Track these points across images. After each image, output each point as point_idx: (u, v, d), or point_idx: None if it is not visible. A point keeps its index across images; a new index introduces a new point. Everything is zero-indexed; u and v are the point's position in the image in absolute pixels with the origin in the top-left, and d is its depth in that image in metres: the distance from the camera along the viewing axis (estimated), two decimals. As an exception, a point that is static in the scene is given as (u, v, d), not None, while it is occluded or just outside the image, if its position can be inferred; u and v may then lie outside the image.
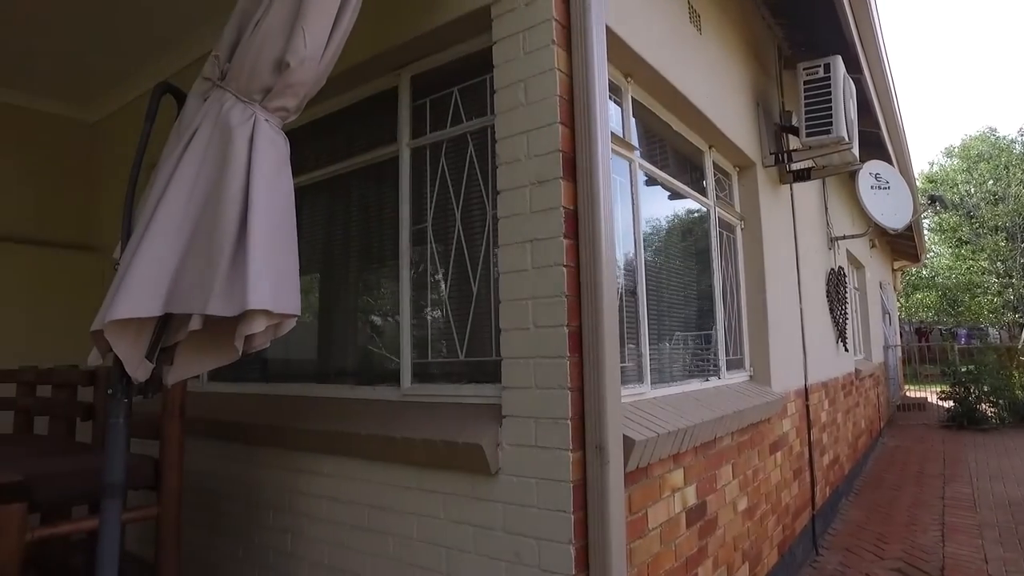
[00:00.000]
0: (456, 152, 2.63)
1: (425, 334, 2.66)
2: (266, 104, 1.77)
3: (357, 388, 2.83)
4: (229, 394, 3.47)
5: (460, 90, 2.63)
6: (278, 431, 2.83)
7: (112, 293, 1.61)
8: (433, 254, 2.66)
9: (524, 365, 2.09)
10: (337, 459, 2.64)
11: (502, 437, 2.13)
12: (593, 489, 2.00)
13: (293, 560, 2.81)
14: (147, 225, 1.66)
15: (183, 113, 1.89)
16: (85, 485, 2.18)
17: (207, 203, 1.69)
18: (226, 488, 3.18)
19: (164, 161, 1.81)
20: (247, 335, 1.69)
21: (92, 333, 1.65)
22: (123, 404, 1.80)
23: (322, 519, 2.70)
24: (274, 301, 1.64)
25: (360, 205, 3.05)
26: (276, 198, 1.73)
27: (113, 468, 1.81)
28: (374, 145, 2.96)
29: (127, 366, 1.70)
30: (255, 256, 1.63)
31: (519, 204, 2.15)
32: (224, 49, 1.86)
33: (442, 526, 2.28)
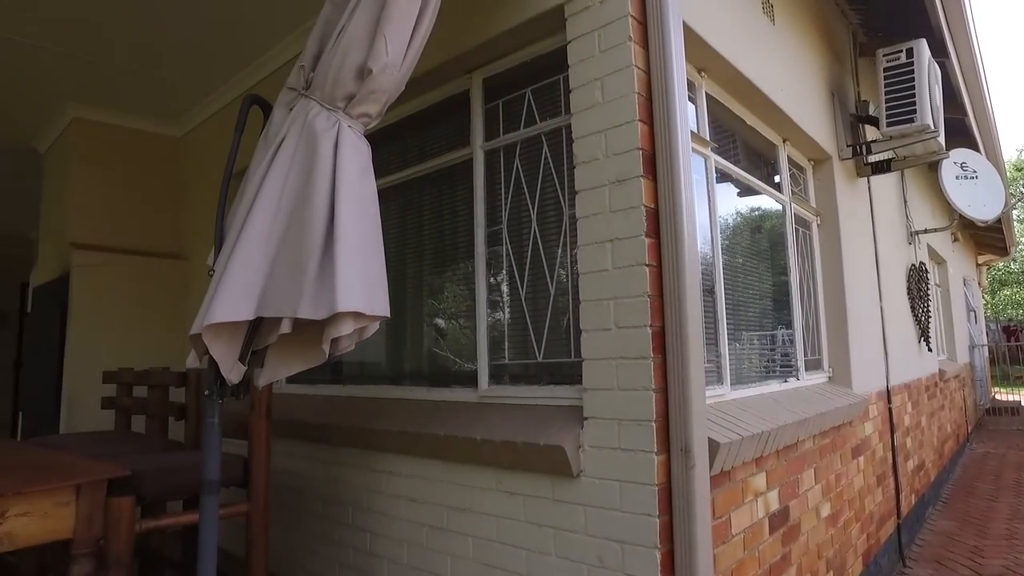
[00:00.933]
0: (530, 153, 2.63)
1: (501, 336, 2.67)
2: (349, 111, 1.81)
3: (433, 390, 2.86)
4: (306, 396, 3.56)
5: (533, 91, 2.63)
6: (356, 432, 2.89)
7: (208, 298, 1.68)
8: (509, 255, 2.66)
9: (606, 366, 2.06)
10: (415, 460, 2.67)
11: (584, 439, 2.11)
12: (678, 492, 1.96)
13: (372, 558, 2.86)
14: (239, 232, 1.71)
15: (270, 123, 1.95)
16: (183, 481, 2.27)
17: (295, 209, 1.74)
18: (306, 487, 3.27)
19: (253, 170, 1.87)
20: (334, 338, 1.73)
21: (191, 337, 1.72)
22: (218, 405, 1.87)
23: (401, 518, 2.74)
24: (362, 303, 1.67)
25: (434, 208, 3.09)
26: (361, 202, 1.77)
27: (210, 466, 1.88)
28: (447, 148, 2.99)
29: (222, 368, 1.76)
30: (342, 260, 1.67)
31: (598, 204, 2.12)
32: (308, 59, 1.91)
33: (522, 528, 2.28)
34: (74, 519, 1.95)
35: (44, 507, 1.88)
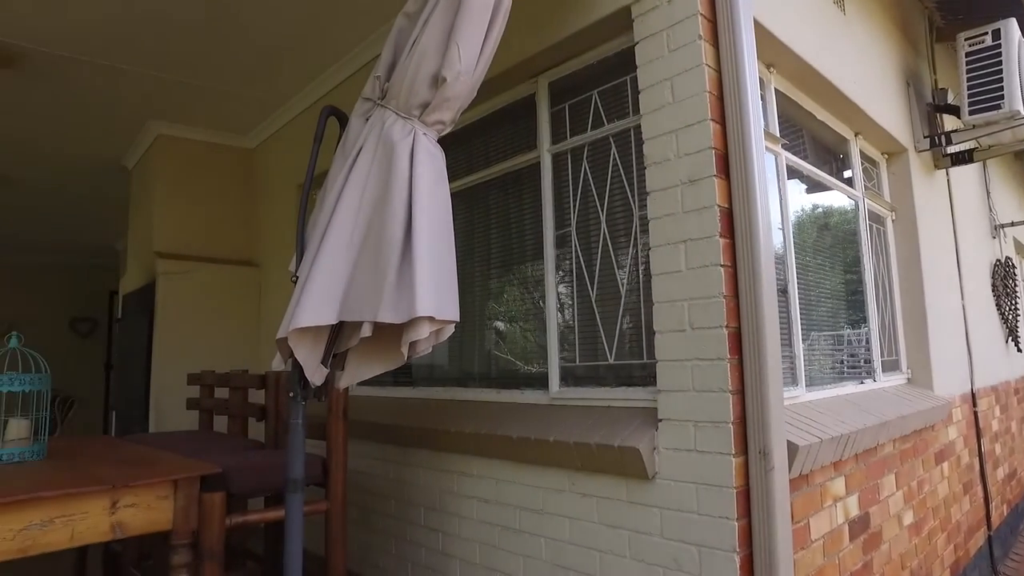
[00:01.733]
0: (598, 155, 2.63)
1: (572, 338, 2.67)
2: (424, 119, 1.85)
3: (503, 392, 2.89)
4: (377, 398, 3.65)
5: (600, 93, 2.63)
6: (427, 433, 2.95)
7: (293, 304, 1.75)
8: (578, 258, 2.67)
9: (681, 368, 2.05)
10: (486, 461, 2.71)
11: (658, 441, 2.10)
12: (757, 496, 1.92)
13: (445, 558, 2.91)
14: (321, 240, 1.78)
15: (347, 133, 2.02)
16: (266, 479, 2.38)
17: (374, 216, 1.79)
18: (379, 486, 3.35)
19: (332, 179, 1.94)
20: (411, 341, 1.77)
21: (277, 340, 1.79)
22: (301, 406, 1.95)
23: (473, 519, 2.78)
24: (438, 308, 1.71)
25: (500, 212, 3.12)
26: (436, 208, 1.81)
27: (295, 465, 1.96)
28: (513, 153, 3.02)
29: (306, 371, 1.83)
30: (420, 265, 1.71)
31: (670, 204, 2.11)
32: (383, 69, 1.97)
33: (596, 530, 2.28)
34: (172, 512, 2.07)
35: (148, 499, 2.00)
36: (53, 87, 4.14)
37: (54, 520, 1.85)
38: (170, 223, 4.71)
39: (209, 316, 4.61)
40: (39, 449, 2.40)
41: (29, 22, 3.40)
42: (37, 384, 2.38)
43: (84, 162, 5.60)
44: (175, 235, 4.70)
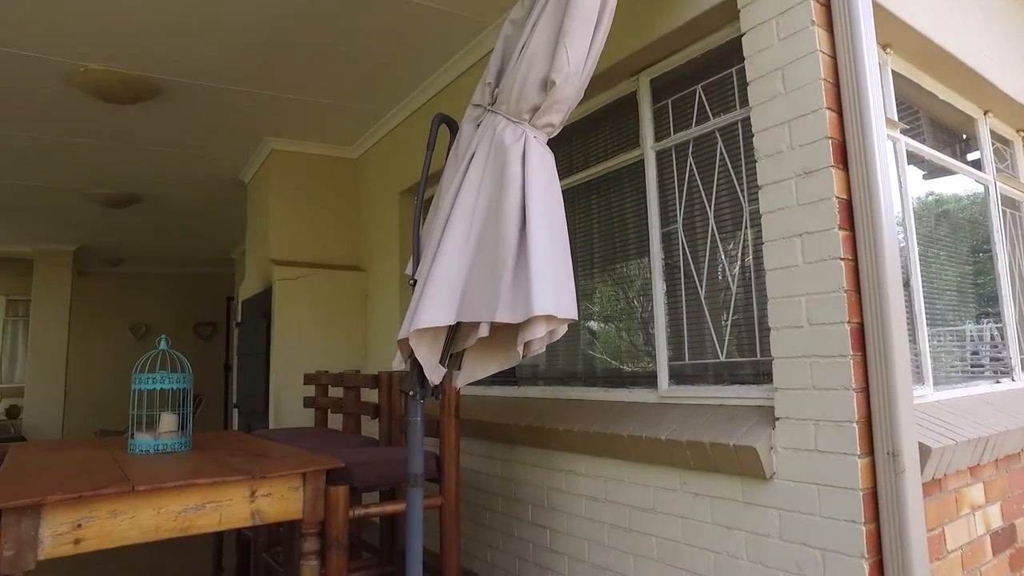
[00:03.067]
0: (704, 150, 2.59)
1: (680, 336, 2.64)
2: (535, 122, 1.90)
3: (611, 391, 2.90)
4: (483, 397, 3.74)
5: (704, 87, 2.59)
6: (535, 431, 2.99)
7: (413, 306, 1.83)
8: (685, 254, 2.64)
9: (799, 365, 1.98)
10: (595, 459, 2.72)
11: (776, 440, 2.04)
12: (886, 499, 1.83)
13: (553, 555, 2.95)
14: (439, 243, 1.85)
15: (459, 139, 2.09)
16: (385, 473, 2.49)
17: (488, 219, 1.85)
18: (485, 483, 3.43)
19: (446, 184, 2.01)
20: (527, 340, 1.82)
21: (399, 341, 1.88)
22: (420, 404, 2.04)
23: (581, 517, 2.79)
24: (555, 307, 1.75)
25: (602, 210, 3.13)
26: (549, 209, 1.84)
27: (415, 461, 2.05)
28: (615, 152, 3.02)
29: (426, 370, 1.92)
30: (536, 265, 1.75)
31: (784, 197, 2.05)
32: (492, 76, 2.02)
33: (710, 530, 2.24)
34: (302, 502, 2.21)
35: (281, 490, 2.15)
36: (184, 112, 4.51)
37: (205, 505, 2.02)
38: (284, 232, 5.02)
39: (320, 319, 4.88)
40: (185, 441, 2.63)
41: (170, 57, 3.73)
42: (183, 383, 2.61)
43: (206, 179, 6.06)
44: (289, 243, 5.01)
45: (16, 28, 3.42)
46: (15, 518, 1.72)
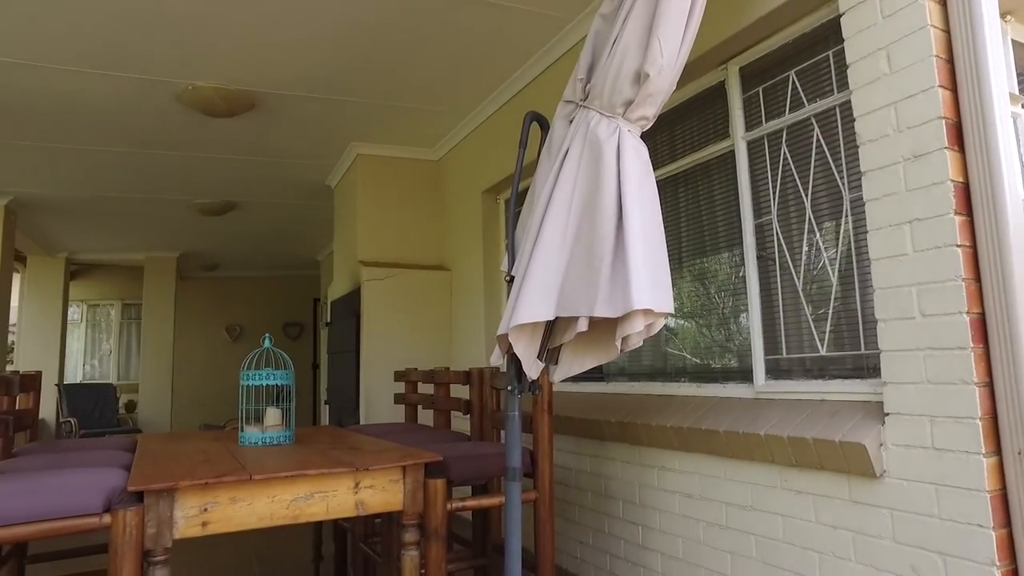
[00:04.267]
0: (798, 138, 2.50)
1: (777, 330, 2.57)
2: (628, 116, 1.89)
3: (703, 386, 2.85)
4: (571, 393, 3.75)
5: (797, 73, 2.51)
6: (627, 428, 2.98)
7: (512, 301, 1.86)
8: (780, 245, 2.56)
9: (911, 358, 1.89)
10: (689, 455, 2.68)
11: (886, 436, 1.95)
12: (1018, 503, 1.72)
13: (645, 552, 2.93)
14: (536, 240, 1.88)
15: (551, 136, 2.11)
16: (480, 467, 2.54)
17: (585, 214, 1.86)
18: (576, 479, 3.44)
19: (539, 181, 2.03)
20: (625, 335, 1.81)
21: (497, 337, 1.92)
22: (518, 399, 2.07)
23: (674, 513, 2.76)
24: (653, 300, 1.74)
25: (690, 203, 3.08)
26: (645, 202, 1.84)
27: (513, 455, 2.08)
28: (705, 143, 2.97)
29: (524, 365, 1.94)
30: (633, 259, 1.75)
31: (891, 183, 1.96)
32: (583, 71, 2.03)
33: (813, 529, 2.17)
34: (402, 494, 2.28)
35: (383, 482, 2.23)
36: (276, 123, 4.75)
37: (313, 495, 2.12)
38: (371, 234, 5.19)
39: (407, 318, 5.02)
40: (289, 435, 2.76)
41: (264, 70, 3.93)
42: (286, 379, 2.75)
43: (295, 185, 6.34)
44: (375, 244, 5.18)
45: (136, 55, 3.70)
46: (155, 499, 1.87)
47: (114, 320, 11.21)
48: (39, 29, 3.43)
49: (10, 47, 3.61)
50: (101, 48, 3.62)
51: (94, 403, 8.91)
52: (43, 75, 3.92)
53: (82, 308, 11.01)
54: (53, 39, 3.53)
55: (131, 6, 3.22)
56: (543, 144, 2.16)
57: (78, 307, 10.83)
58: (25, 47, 3.61)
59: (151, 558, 1.90)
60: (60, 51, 3.65)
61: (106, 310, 11.24)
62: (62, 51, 3.65)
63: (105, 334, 11.23)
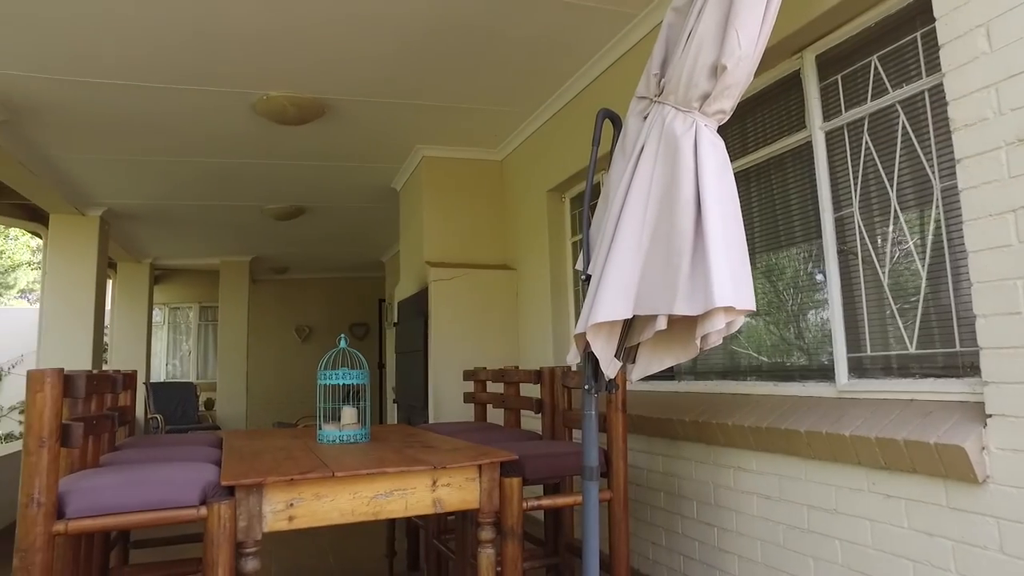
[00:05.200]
0: (882, 126, 2.40)
1: (858, 326, 2.47)
2: (705, 110, 1.85)
3: (780, 385, 2.77)
4: (641, 392, 3.70)
5: (880, 58, 2.40)
6: (700, 427, 2.92)
7: (590, 300, 1.85)
8: (863, 239, 2.46)
9: (1017, 356, 1.78)
10: (767, 456, 2.61)
11: (988, 439, 1.84)
12: None
13: (720, 553, 2.86)
14: (612, 238, 1.86)
15: (624, 133, 2.08)
16: (554, 466, 2.54)
17: (662, 211, 1.83)
18: (647, 479, 3.40)
19: (614, 179, 2.01)
20: (705, 333, 1.78)
21: (575, 336, 1.91)
22: (594, 398, 2.06)
23: (752, 515, 2.69)
24: (734, 297, 1.69)
25: (765, 198, 2.99)
26: (723, 198, 1.79)
27: (590, 454, 2.07)
28: (778, 135, 2.88)
29: (602, 364, 1.93)
30: (714, 255, 1.71)
31: (991, 170, 1.85)
32: (656, 66, 2.00)
33: (906, 536, 2.07)
34: (478, 492, 2.31)
35: (459, 480, 2.26)
36: (344, 128, 4.87)
37: (393, 492, 2.17)
38: (437, 235, 5.27)
39: (474, 317, 5.07)
40: (365, 433, 2.83)
41: (333, 77, 4.04)
42: (361, 378, 2.81)
43: (361, 189, 6.50)
44: (441, 245, 5.25)
45: (215, 69, 3.87)
46: (245, 494, 1.95)
47: (192, 322, 11.77)
48: (130, 52, 3.64)
49: (106, 70, 3.84)
50: (183, 65, 3.80)
51: (177, 401, 9.37)
52: (133, 93, 4.15)
53: (164, 311, 11.60)
54: (142, 60, 3.73)
55: (209, 26, 3.36)
56: (616, 141, 2.14)
57: (160, 310, 11.41)
58: (118, 69, 3.84)
59: (243, 550, 1.98)
60: (148, 71, 3.86)
61: (185, 312, 11.81)
62: (150, 71, 3.85)
63: (184, 335, 11.80)
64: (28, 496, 1.74)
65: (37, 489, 1.75)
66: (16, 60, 3.72)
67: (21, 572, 1.72)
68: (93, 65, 3.78)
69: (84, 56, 3.68)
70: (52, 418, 1.82)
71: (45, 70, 3.84)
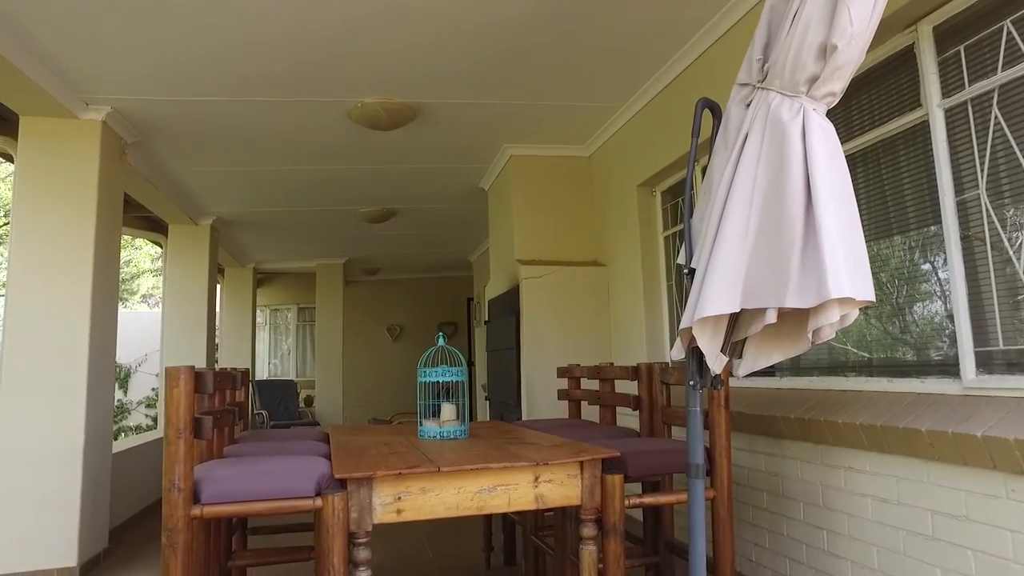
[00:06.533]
0: (1016, 97, 2.21)
1: (986, 318, 2.29)
2: (813, 93, 1.76)
3: (896, 381, 2.61)
4: (739, 388, 3.59)
5: (1014, 22, 2.21)
6: (808, 425, 2.79)
7: (695, 294, 1.81)
8: (991, 223, 2.28)
9: None
10: (882, 456, 2.47)
11: None
12: None
13: (832, 559, 2.73)
14: (717, 230, 1.81)
15: (727, 123, 2.02)
16: (657, 463, 2.51)
17: (769, 200, 1.76)
18: (748, 478, 3.29)
19: (716, 170, 1.96)
20: (818, 327, 1.70)
21: (680, 330, 1.87)
22: (699, 394, 2.01)
23: (867, 519, 2.55)
24: (851, 288, 1.61)
25: (873, 183, 2.83)
26: (836, 183, 1.71)
27: (696, 451, 2.02)
28: (888, 116, 2.71)
29: (708, 359, 1.88)
30: (827, 245, 1.63)
31: None
32: (759, 50, 1.92)
33: (1051, 545, 1.91)
34: (580, 489, 2.30)
35: (561, 477, 2.27)
36: (434, 131, 4.99)
37: (496, 487, 2.20)
38: (527, 233, 5.31)
39: (565, 314, 5.06)
40: (464, 429, 2.89)
41: (424, 81, 4.14)
42: (460, 375, 2.87)
43: (450, 189, 6.63)
44: (531, 243, 5.28)
45: (312, 80, 4.05)
46: (356, 487, 2.03)
47: (291, 322, 12.39)
48: (235, 70, 3.87)
49: (216, 88, 4.11)
50: (282, 78, 4.00)
51: (280, 397, 9.90)
52: (238, 108, 4.41)
53: (265, 312, 12.28)
54: (246, 76, 3.96)
55: (307, 38, 3.52)
56: (715, 131, 2.08)
57: (262, 311, 12.09)
58: (226, 86, 4.10)
59: (355, 540, 2.06)
60: (251, 86, 4.09)
61: (284, 314, 12.46)
62: (252, 85, 4.08)
63: (283, 335, 12.45)
64: (170, 481, 1.89)
65: (177, 475, 1.90)
66: (147, 85, 4.04)
67: (168, 549, 1.87)
68: (207, 84, 4.05)
69: (200, 77, 3.95)
70: (187, 411, 1.96)
71: (167, 92, 4.14)
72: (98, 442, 4.22)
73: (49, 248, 4.08)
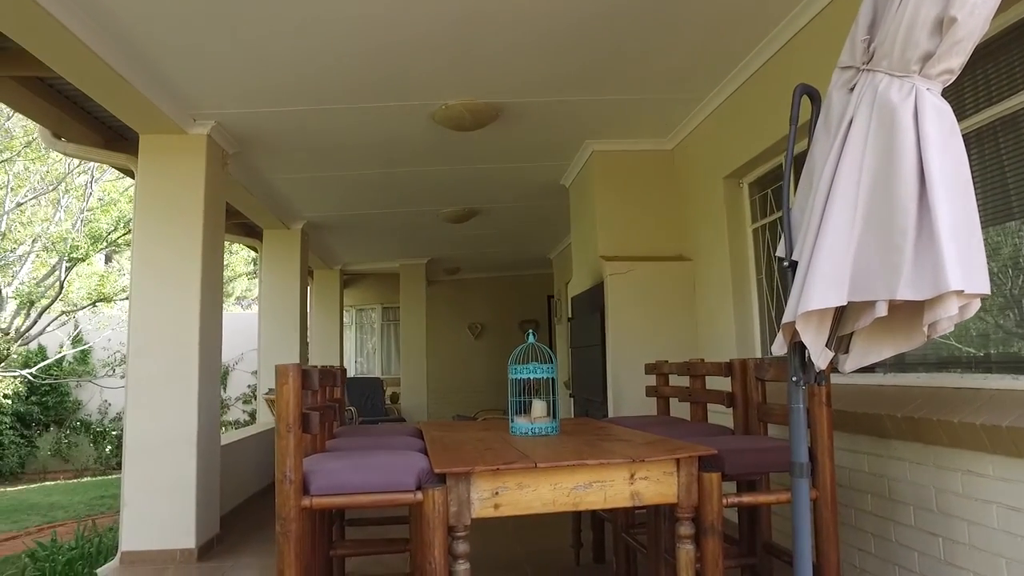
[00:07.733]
0: None
1: None
2: (926, 72, 1.67)
3: (1020, 378, 2.43)
4: (840, 385, 3.42)
5: None
6: (918, 424, 2.64)
7: (798, 287, 1.75)
8: None
9: None
10: (1007, 460, 2.30)
11: None
12: None
13: (950, 569, 2.57)
14: (821, 220, 1.74)
15: (828, 108, 1.94)
16: (759, 461, 2.44)
17: (877, 188, 1.68)
18: (851, 480, 3.14)
19: (818, 158, 1.88)
20: (933, 320, 1.61)
21: (783, 325, 1.82)
22: (803, 391, 1.94)
23: (991, 528, 2.38)
24: (967, 281, 1.52)
25: (991, 163, 2.64)
26: (952, 168, 1.61)
27: (799, 449, 1.95)
28: (1008, 92, 2.53)
29: (812, 354, 1.81)
30: (943, 234, 1.54)
31: None
32: (863, 30, 1.83)
33: None
34: (676, 487, 2.27)
35: (657, 474, 2.24)
36: (516, 129, 5.02)
37: (592, 484, 2.20)
38: (610, 228, 5.27)
39: (650, 310, 5.00)
40: (555, 426, 2.90)
41: (506, 81, 4.19)
42: (551, 372, 2.88)
43: (531, 188, 6.66)
44: (615, 239, 5.24)
45: (396, 85, 4.18)
46: (455, 482, 2.08)
47: (376, 322, 12.79)
48: (329, 81, 4.05)
49: (309, 98, 4.32)
50: (368, 85, 4.14)
51: (367, 394, 10.24)
52: (328, 116, 4.60)
53: (351, 312, 12.73)
54: (337, 86, 4.13)
55: (395, 46, 3.63)
56: (815, 118, 2.00)
57: (348, 311, 12.53)
58: (318, 97, 4.29)
59: (454, 534, 2.11)
60: (341, 95, 4.26)
61: (369, 313, 12.87)
62: (343, 94, 4.25)
63: (368, 334, 12.87)
64: (282, 473, 2.00)
65: (288, 467, 2.01)
66: (247, 99, 4.29)
67: (282, 536, 1.99)
68: (301, 96, 4.25)
69: (296, 89, 4.15)
70: (295, 407, 2.07)
71: (265, 104, 4.38)
72: (209, 433, 4.52)
73: (165, 255, 4.41)
